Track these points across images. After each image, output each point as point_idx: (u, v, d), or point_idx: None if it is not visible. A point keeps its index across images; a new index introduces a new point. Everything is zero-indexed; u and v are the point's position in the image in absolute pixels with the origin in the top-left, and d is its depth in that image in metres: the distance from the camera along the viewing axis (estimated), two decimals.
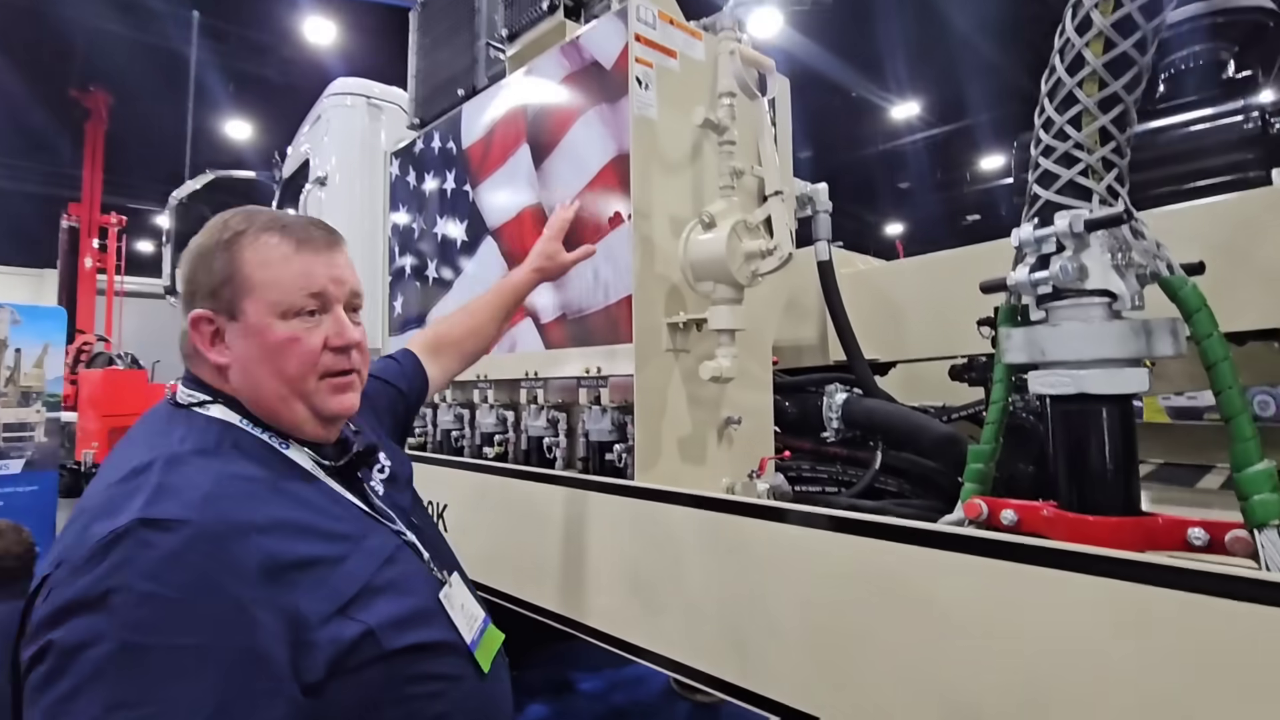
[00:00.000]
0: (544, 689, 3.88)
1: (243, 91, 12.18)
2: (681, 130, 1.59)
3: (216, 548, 0.67)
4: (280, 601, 0.69)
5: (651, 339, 1.51)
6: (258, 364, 0.84)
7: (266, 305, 0.84)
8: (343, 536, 0.80)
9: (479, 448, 1.98)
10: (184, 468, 0.73)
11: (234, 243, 0.85)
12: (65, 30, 10.16)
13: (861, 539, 0.97)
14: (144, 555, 0.64)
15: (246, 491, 0.75)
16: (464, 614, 0.90)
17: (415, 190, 2.34)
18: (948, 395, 2.20)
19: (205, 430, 0.81)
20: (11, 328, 4.89)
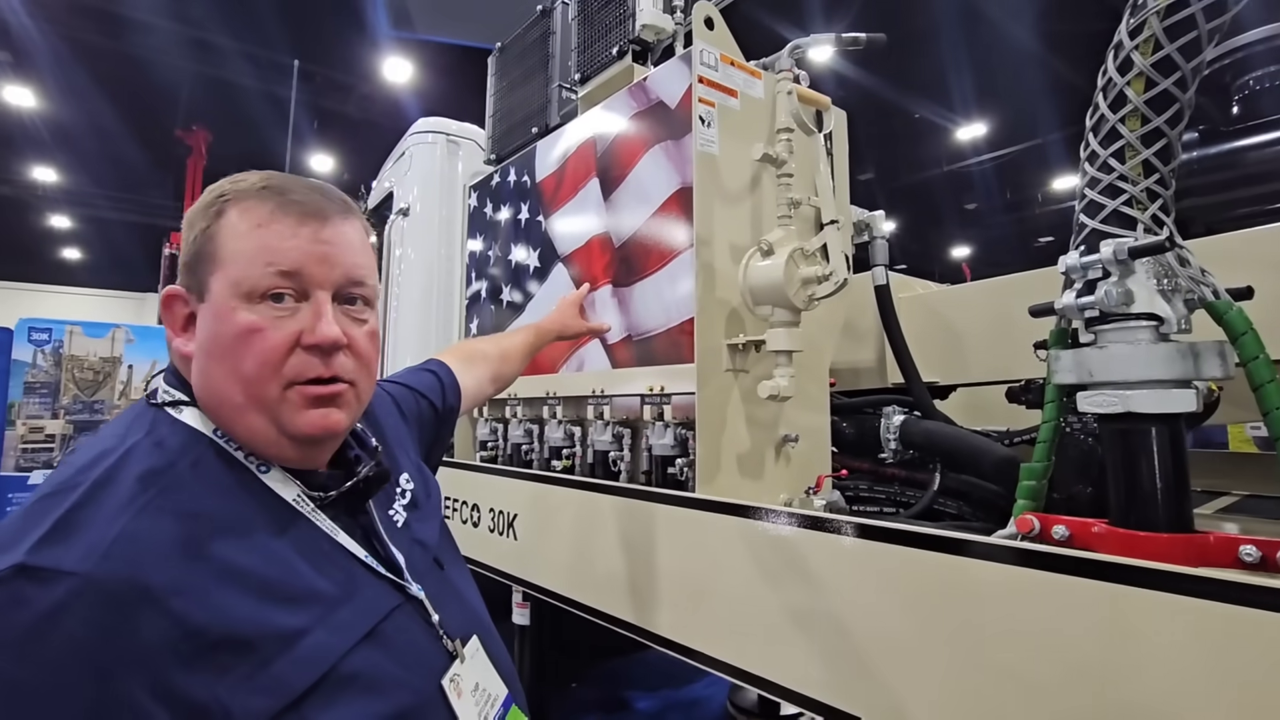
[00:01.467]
0: (600, 706, 3.94)
1: (326, 127, 13.04)
2: (741, 164, 1.69)
3: (109, 615, 0.50)
4: (194, 694, 0.51)
5: (712, 359, 1.60)
6: (211, 358, 0.67)
7: (229, 283, 0.66)
8: (312, 598, 0.62)
9: (547, 461, 2.10)
10: (108, 494, 0.57)
11: (219, 208, 0.69)
12: (172, 75, 11.16)
13: (923, 552, 1.02)
14: (15, 616, 0.49)
15: (181, 535, 0.57)
16: (475, 699, 0.71)
17: (491, 220, 2.52)
18: (1010, 420, 2.19)
19: (164, 441, 0.64)
20: (126, 346, 5.41)
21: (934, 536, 0.98)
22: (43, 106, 11.88)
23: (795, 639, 1.22)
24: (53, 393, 5.32)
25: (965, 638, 0.96)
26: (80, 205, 15.90)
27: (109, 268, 18.71)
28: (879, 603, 1.08)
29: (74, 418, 5.33)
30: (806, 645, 1.20)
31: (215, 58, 10.73)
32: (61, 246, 18.87)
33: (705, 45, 1.68)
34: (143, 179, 14.94)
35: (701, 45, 1.66)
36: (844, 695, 1.13)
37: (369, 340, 0.74)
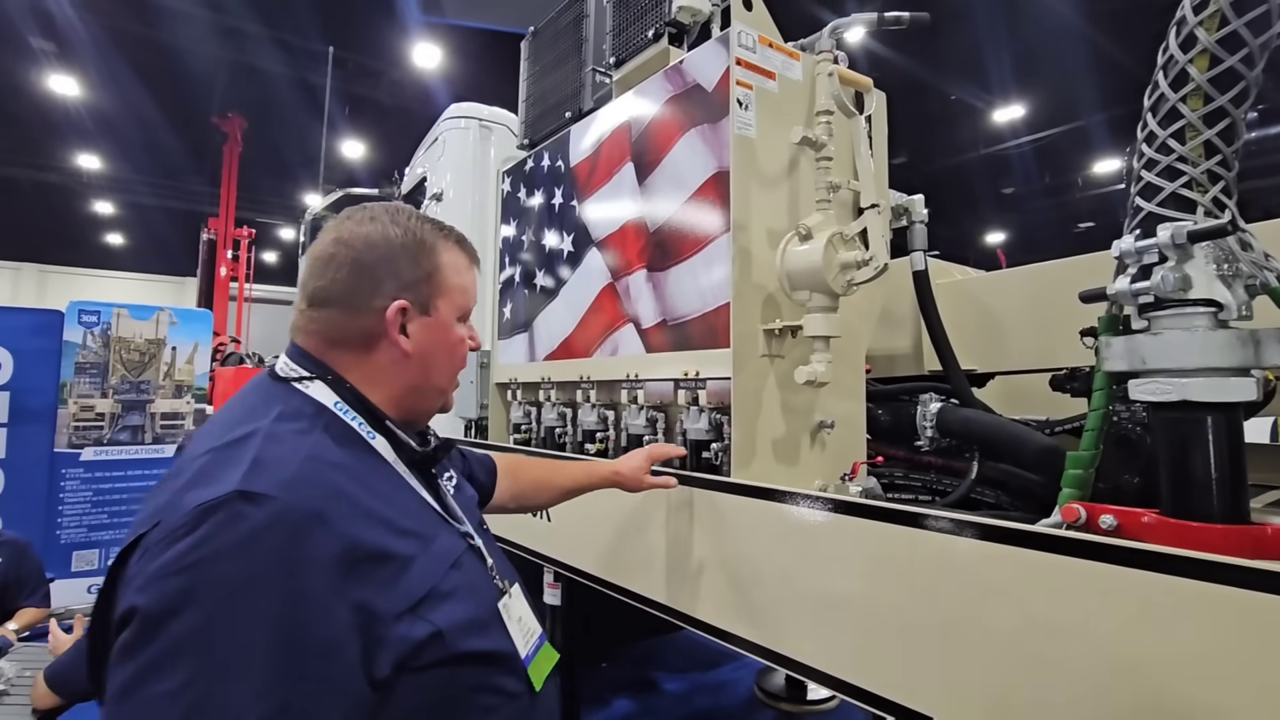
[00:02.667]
0: (630, 686, 4.00)
1: (356, 113, 13.18)
2: (779, 147, 1.67)
3: (300, 531, 0.67)
4: (355, 594, 0.68)
5: (748, 344, 1.60)
6: (434, 358, 0.91)
7: (453, 307, 0.93)
8: (414, 534, 0.79)
9: (580, 444, 2.12)
10: (279, 445, 0.74)
11: (434, 244, 0.92)
12: (207, 63, 11.36)
13: (965, 540, 1.02)
14: (233, 529, 0.64)
15: (332, 479, 0.74)
16: (521, 627, 0.88)
17: (525, 205, 2.53)
18: (1049, 409, 2.15)
19: (300, 410, 0.81)
20: (170, 328, 5.58)
21: (977, 524, 0.97)
22: (85, 95, 12.20)
23: (829, 623, 1.22)
24: (102, 373, 5.51)
25: (1007, 628, 0.96)
26: (122, 192, 16.36)
27: (150, 253, 19.24)
28: (917, 590, 1.08)
29: (122, 397, 5.52)
30: (840, 629, 1.20)
31: (249, 45, 10.89)
32: (106, 232, 19.46)
33: (743, 27, 1.65)
34: (180, 165, 15.29)
35: (740, 27, 1.64)
36: (878, 680, 1.13)
37: None
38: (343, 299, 0.87)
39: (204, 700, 0.59)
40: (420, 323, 0.90)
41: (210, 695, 0.59)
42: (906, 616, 1.09)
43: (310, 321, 0.89)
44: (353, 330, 0.87)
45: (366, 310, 0.87)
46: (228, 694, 0.60)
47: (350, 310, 0.87)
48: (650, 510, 1.67)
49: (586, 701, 3.60)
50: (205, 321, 6.04)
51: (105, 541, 5.29)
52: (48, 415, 5.26)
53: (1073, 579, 0.89)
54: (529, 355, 2.41)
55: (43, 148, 14.35)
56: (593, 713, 3.63)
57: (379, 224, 0.90)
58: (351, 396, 0.86)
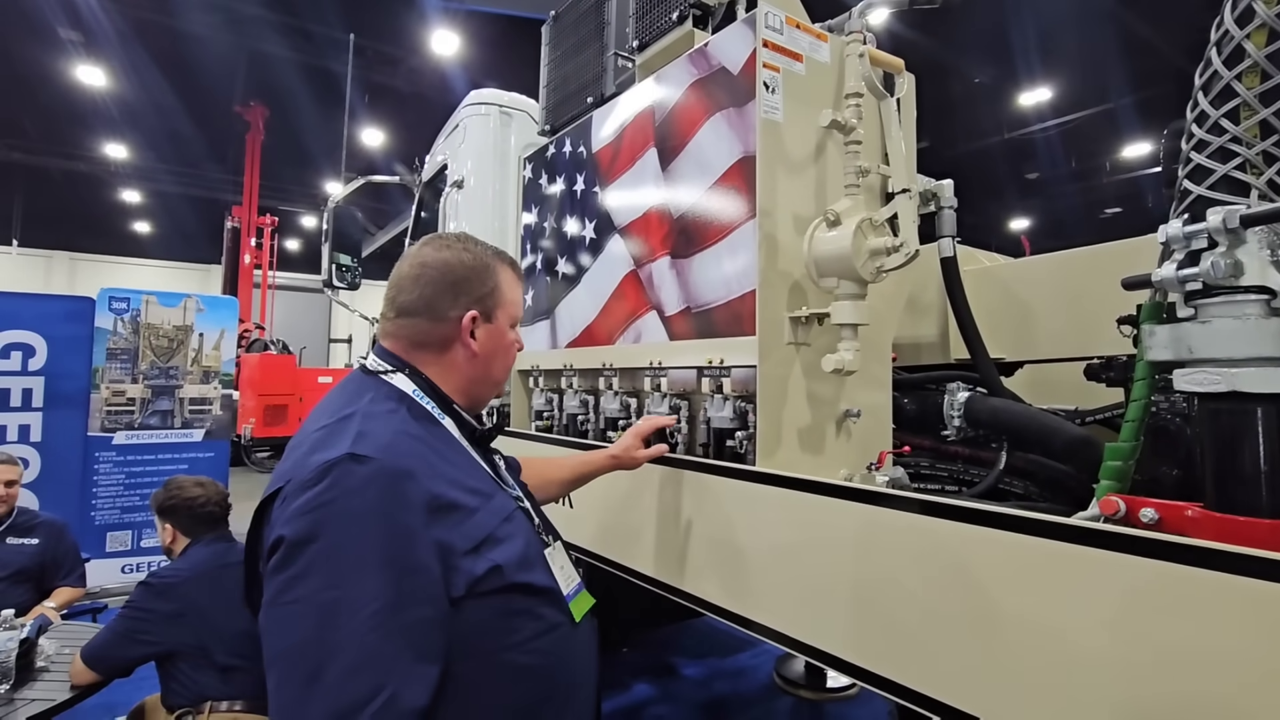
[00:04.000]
0: (650, 670, 4.03)
1: (376, 101, 13.20)
2: (806, 131, 1.64)
3: (396, 482, 0.87)
4: (435, 532, 0.88)
5: (774, 332, 1.58)
6: (494, 358, 1.14)
7: (508, 317, 1.16)
8: (477, 492, 0.98)
9: (603, 432, 2.12)
10: (375, 422, 0.95)
11: (496, 267, 1.14)
12: (230, 52, 11.43)
13: (996, 531, 1.00)
14: (349, 478, 0.85)
15: (417, 447, 0.95)
16: (563, 573, 1.06)
17: (546, 192, 2.52)
18: (1079, 398, 2.11)
19: (389, 395, 1.03)
20: (197, 315, 5.67)
21: (1008, 516, 0.95)
22: (112, 85, 12.34)
23: (856, 613, 1.21)
24: (132, 358, 5.62)
25: (1041, 623, 0.94)
26: (149, 180, 16.59)
27: (177, 241, 19.53)
28: (947, 582, 1.06)
29: (152, 382, 5.63)
30: (867, 619, 1.19)
31: (270, 33, 10.93)
32: (134, 220, 19.76)
33: (770, 8, 1.62)
34: (205, 154, 15.45)
35: (766, 8, 1.61)
36: (904, 670, 1.12)
37: None
38: (426, 310, 1.09)
39: (336, 597, 0.80)
40: (485, 329, 1.12)
41: (340, 594, 0.80)
42: (935, 608, 1.08)
43: (399, 328, 1.10)
44: (434, 335, 1.10)
45: (445, 319, 1.09)
46: (352, 592, 0.81)
47: (432, 319, 1.09)
48: (674, 499, 1.66)
49: (607, 686, 3.63)
50: (231, 308, 6.13)
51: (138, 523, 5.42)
52: (81, 400, 5.38)
53: (1113, 574, 0.87)
54: (551, 342, 2.41)
55: (71, 137, 14.57)
56: (613, 697, 3.66)
57: (454, 251, 1.12)
58: (427, 386, 1.07)
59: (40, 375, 5.42)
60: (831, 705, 3.70)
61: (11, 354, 5.44)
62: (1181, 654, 0.80)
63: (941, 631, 1.07)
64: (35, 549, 3.04)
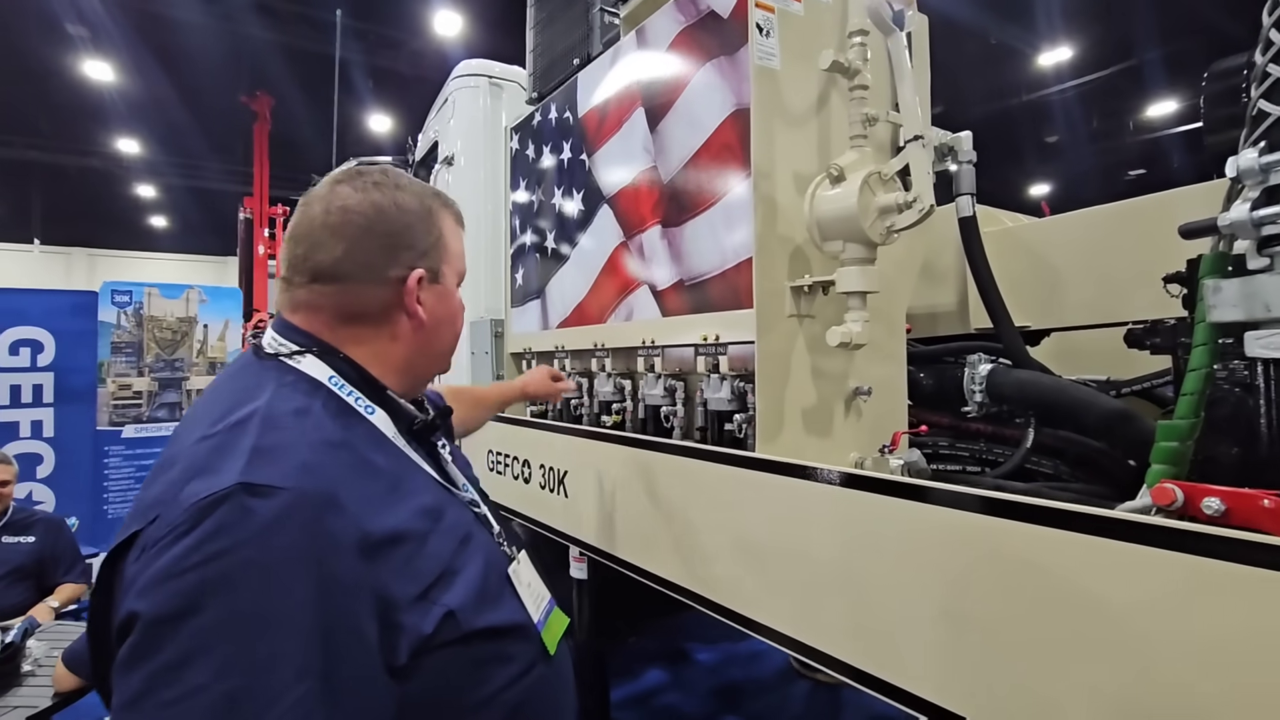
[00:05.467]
0: (661, 657, 3.94)
1: (380, 86, 13.04)
2: (806, 79, 1.48)
3: (316, 519, 0.63)
4: (372, 580, 0.65)
5: (774, 304, 1.43)
6: (443, 324, 0.90)
7: (454, 273, 0.91)
8: (424, 511, 0.76)
9: (597, 416, 1.99)
10: (281, 431, 0.70)
11: (438, 209, 0.89)
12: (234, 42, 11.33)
13: (1020, 524, 0.86)
14: (246, 521, 0.61)
15: (342, 462, 0.71)
16: (531, 593, 0.86)
17: (534, 163, 2.37)
18: (1111, 368, 1.95)
19: (295, 388, 0.77)
20: (200, 306, 5.62)
21: (1047, 510, 0.81)
22: (120, 80, 12.30)
23: (868, 617, 1.08)
24: (137, 352, 5.59)
25: (1087, 634, 0.80)
26: (162, 174, 16.63)
27: (193, 233, 19.63)
28: (974, 583, 0.93)
29: (158, 375, 5.62)
30: (880, 625, 1.06)
31: (272, 21, 10.81)
32: (149, 214, 19.86)
33: None
34: (215, 145, 15.42)
35: None
36: (920, 682, 0.99)
37: None
38: (358, 272, 0.82)
39: (237, 689, 0.56)
40: (432, 291, 0.87)
41: (245, 685, 0.57)
42: (963, 612, 0.94)
43: (316, 297, 0.82)
44: (370, 303, 0.83)
45: (384, 281, 0.83)
46: (262, 681, 0.57)
47: (366, 283, 0.82)
48: (667, 488, 1.53)
49: (617, 673, 3.55)
50: (234, 298, 6.06)
51: None
52: (89, 394, 5.37)
53: (1170, 577, 0.72)
54: (542, 323, 2.28)
55: (84, 134, 14.60)
56: (623, 684, 3.58)
57: (385, 192, 0.85)
58: (348, 369, 0.81)
59: (50, 371, 5.41)
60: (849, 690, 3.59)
61: (20, 350, 5.43)
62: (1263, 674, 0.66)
63: (966, 641, 0.94)
64: (32, 546, 3.00)
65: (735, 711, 3.49)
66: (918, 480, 1.04)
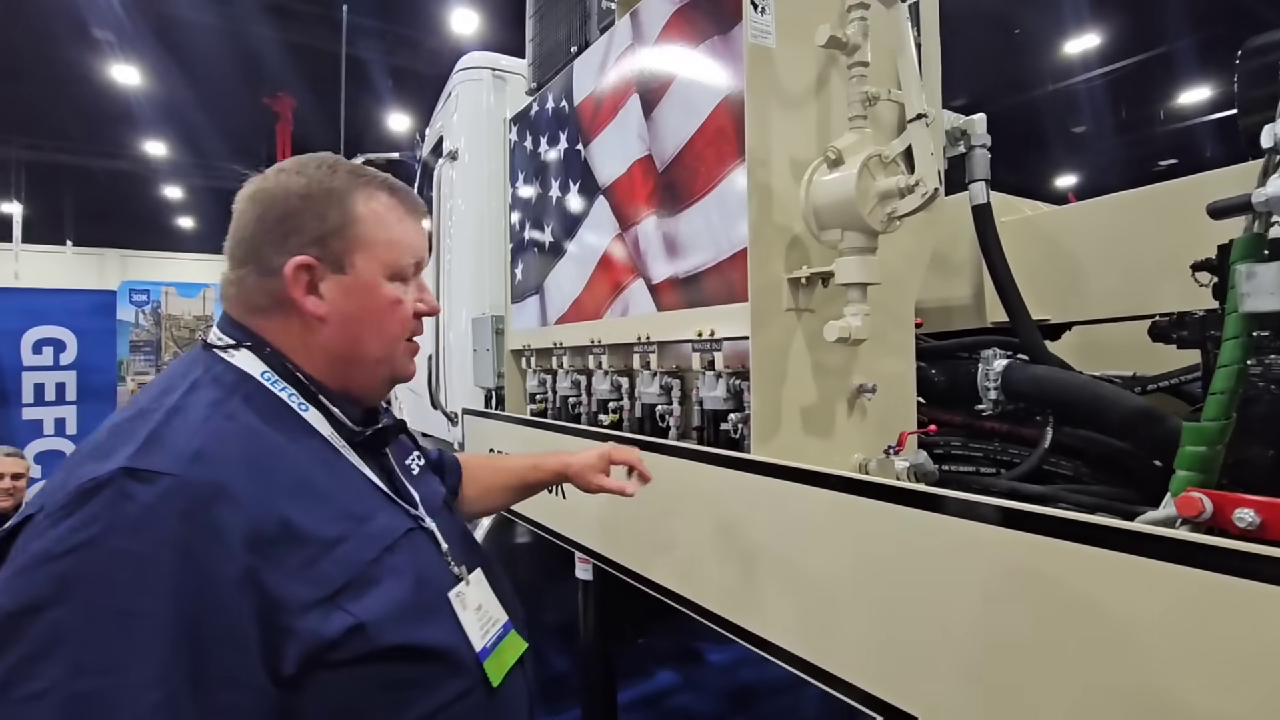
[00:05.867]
0: (672, 657, 3.88)
1: (399, 85, 13.11)
2: (804, 58, 1.40)
3: (199, 509, 0.61)
4: (260, 578, 0.62)
5: (770, 297, 1.35)
6: (361, 323, 0.82)
7: (379, 264, 0.82)
8: (345, 514, 0.72)
9: (594, 415, 1.93)
10: (185, 417, 0.68)
11: (347, 193, 0.81)
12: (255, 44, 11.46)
13: (1033, 536, 0.78)
14: (121, 508, 0.58)
15: (246, 452, 0.68)
16: (479, 616, 0.80)
17: (532, 155, 2.32)
18: (1137, 363, 1.84)
19: (220, 379, 0.75)
20: (216, 304, 5.69)
21: (1066, 521, 0.73)
22: (146, 84, 12.50)
23: (870, 634, 1.01)
24: (155, 350, 5.66)
25: (1103, 658, 0.72)
26: (189, 175, 16.91)
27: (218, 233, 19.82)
28: (986, 598, 0.85)
29: None
30: (883, 642, 0.98)
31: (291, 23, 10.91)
32: (179, 215, 20.22)
33: None
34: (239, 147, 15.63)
35: None
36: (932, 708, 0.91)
37: None
38: (252, 258, 0.80)
39: (93, 690, 0.54)
40: (334, 282, 0.80)
41: (101, 684, 0.54)
42: (973, 629, 0.87)
43: (230, 284, 0.82)
44: (264, 293, 0.80)
45: (272, 270, 0.79)
46: (119, 679, 0.54)
47: (259, 270, 0.80)
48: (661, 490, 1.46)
49: (627, 674, 3.48)
50: None
51: None
52: (109, 393, 5.45)
53: (1195, 599, 0.64)
54: (541, 319, 2.22)
55: (112, 137, 14.87)
56: (633, 685, 3.52)
57: (285, 175, 0.81)
58: (280, 366, 0.79)
59: (72, 369, 5.50)
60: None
61: (43, 349, 5.53)
62: None
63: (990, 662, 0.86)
64: None
65: (747, 714, 3.41)
66: (921, 487, 0.96)
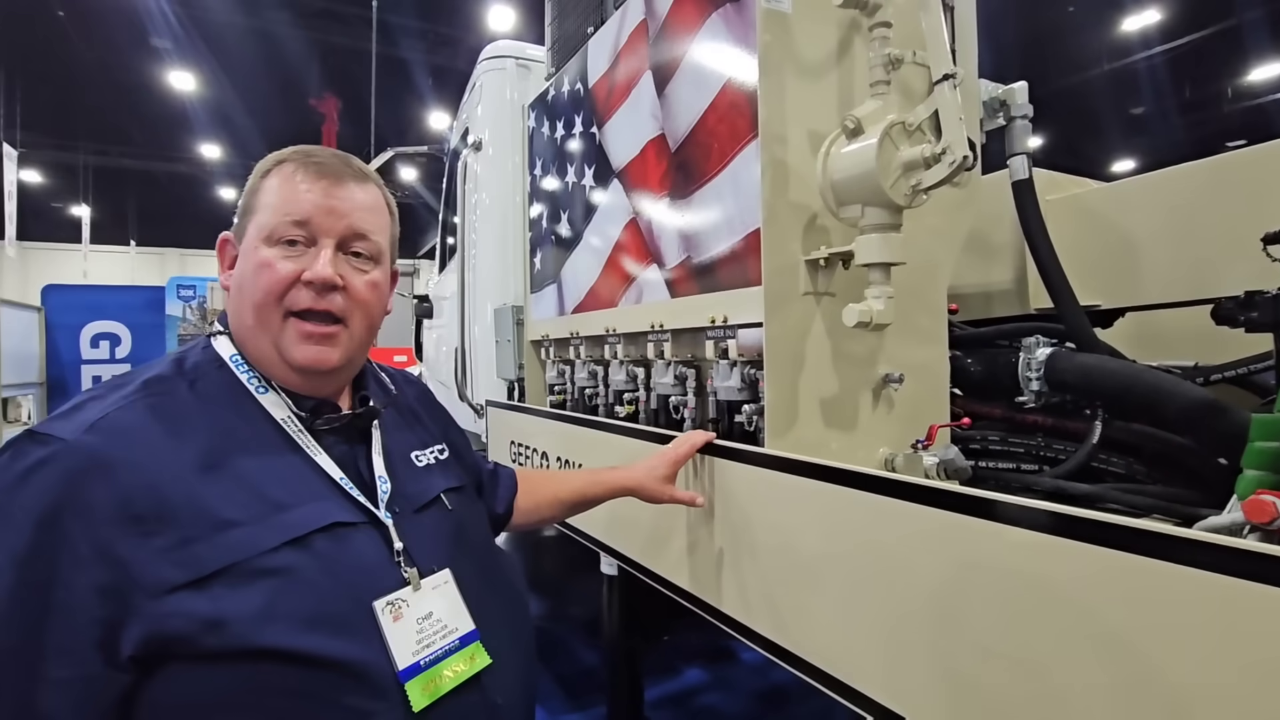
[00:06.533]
0: (702, 654, 3.80)
1: (439, 84, 13.28)
2: (823, 22, 1.30)
3: (77, 476, 0.63)
4: (120, 551, 0.62)
5: (785, 280, 1.27)
6: (239, 290, 0.80)
7: (257, 228, 0.79)
8: (258, 499, 0.70)
9: (611, 407, 1.87)
10: (117, 393, 0.71)
11: (267, 170, 0.83)
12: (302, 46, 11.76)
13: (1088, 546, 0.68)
14: (10, 467, 0.64)
15: (150, 427, 0.69)
16: (420, 627, 0.73)
17: (549, 140, 2.26)
18: (1199, 352, 1.68)
19: (185, 359, 0.79)
20: None
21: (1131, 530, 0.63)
22: (200, 89, 12.98)
23: (895, 646, 0.92)
24: None
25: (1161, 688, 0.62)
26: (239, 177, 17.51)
27: None
28: (1035, 613, 0.76)
29: None
30: (908, 656, 0.90)
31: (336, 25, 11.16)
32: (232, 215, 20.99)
33: None
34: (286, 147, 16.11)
35: None
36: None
37: (368, 289, 0.83)
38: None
39: None
40: (239, 253, 0.82)
41: None
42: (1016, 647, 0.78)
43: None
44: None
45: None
46: None
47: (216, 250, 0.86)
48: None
49: (655, 671, 3.43)
50: None
51: None
52: None
53: (1269, 623, 0.54)
54: (558, 309, 2.17)
55: (170, 141, 15.54)
56: (660, 683, 3.46)
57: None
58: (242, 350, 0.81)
59: (127, 363, 5.71)
60: None
61: (100, 344, 5.77)
62: None
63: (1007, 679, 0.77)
64: None
65: (778, 715, 3.31)
66: (957, 488, 0.87)
